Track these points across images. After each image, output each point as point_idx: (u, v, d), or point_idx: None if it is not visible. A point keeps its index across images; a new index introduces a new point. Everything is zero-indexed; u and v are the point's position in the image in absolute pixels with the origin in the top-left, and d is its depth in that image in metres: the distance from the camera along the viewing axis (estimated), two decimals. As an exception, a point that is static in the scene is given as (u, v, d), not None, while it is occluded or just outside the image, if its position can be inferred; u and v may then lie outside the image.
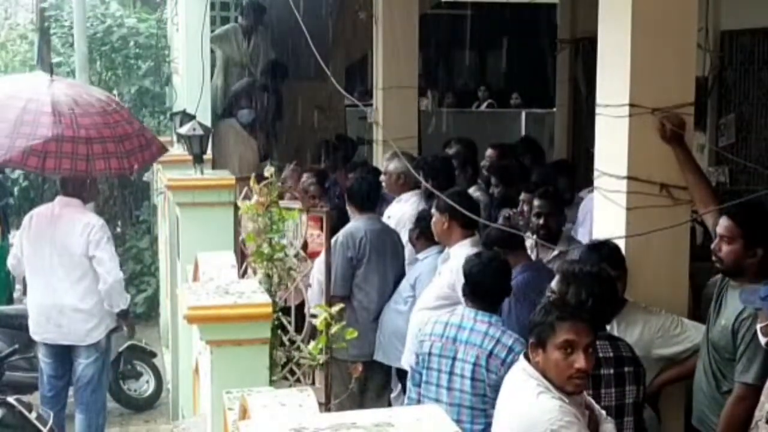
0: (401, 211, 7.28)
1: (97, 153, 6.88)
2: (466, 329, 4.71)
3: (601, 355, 3.97)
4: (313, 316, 5.84)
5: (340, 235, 6.66)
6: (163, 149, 7.36)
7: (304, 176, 8.42)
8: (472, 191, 7.20)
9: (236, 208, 6.26)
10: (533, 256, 6.05)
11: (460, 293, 5.11)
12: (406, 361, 5.85)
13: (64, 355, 7.06)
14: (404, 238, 6.81)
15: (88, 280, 6.89)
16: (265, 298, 4.05)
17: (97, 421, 7.17)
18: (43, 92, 6.98)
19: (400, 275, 6.72)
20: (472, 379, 4.61)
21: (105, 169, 6.98)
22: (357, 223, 6.77)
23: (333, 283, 6.17)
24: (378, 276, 6.67)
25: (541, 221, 6.04)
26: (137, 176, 12.16)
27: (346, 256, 6.59)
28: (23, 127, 6.69)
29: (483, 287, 4.81)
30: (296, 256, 6.10)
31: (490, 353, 4.58)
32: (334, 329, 4.49)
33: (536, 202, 6.10)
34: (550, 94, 13.67)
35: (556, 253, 5.98)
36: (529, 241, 6.10)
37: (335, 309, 4.63)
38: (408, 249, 6.80)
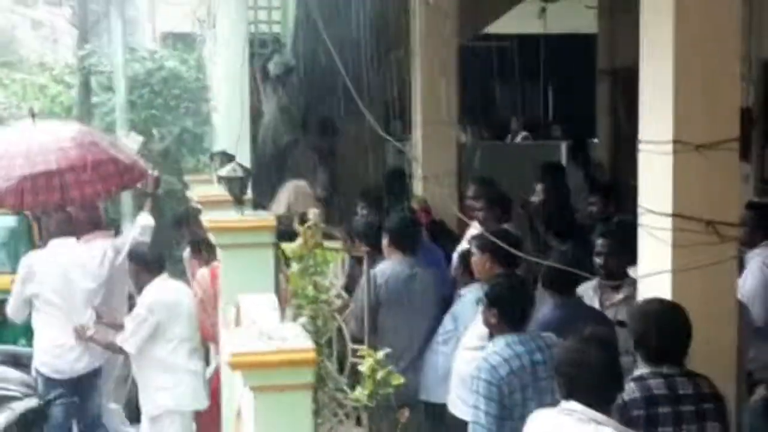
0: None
1: (71, 182, 7.39)
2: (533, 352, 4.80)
3: (681, 392, 3.94)
4: (357, 356, 5.82)
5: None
6: (145, 174, 8.02)
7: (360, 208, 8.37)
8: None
9: (277, 248, 6.26)
10: (596, 299, 5.94)
11: None
12: (452, 404, 5.79)
13: None
14: None
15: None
16: (309, 344, 4.01)
17: None
18: (23, 136, 7.62)
19: (439, 318, 6.61)
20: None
21: (80, 198, 7.46)
22: (383, 266, 6.68)
23: (354, 325, 6.14)
24: (403, 322, 6.53)
25: (602, 261, 5.93)
26: (177, 216, 12.25)
27: (369, 297, 6.49)
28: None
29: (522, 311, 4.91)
30: (338, 296, 6.09)
31: None
32: (380, 374, 4.44)
33: (599, 241, 6.01)
34: (590, 125, 13.61)
35: (621, 297, 5.86)
36: (593, 281, 5.99)
37: (381, 354, 4.59)
38: None
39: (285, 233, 6.10)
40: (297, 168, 11.04)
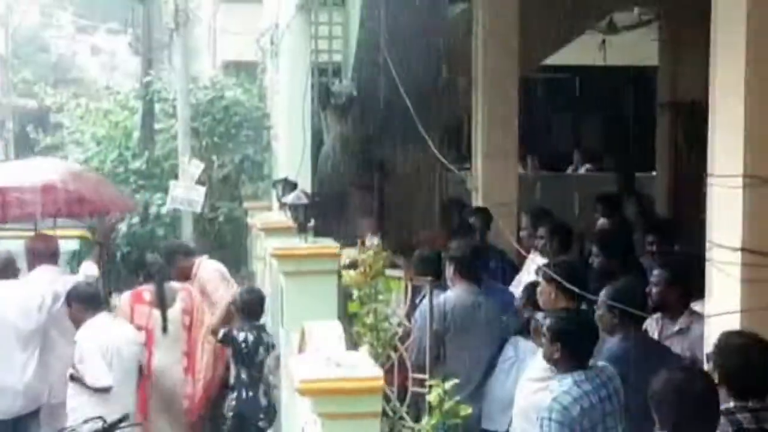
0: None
1: (11, 201, 7.95)
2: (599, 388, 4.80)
3: (744, 425, 3.90)
4: (420, 384, 5.82)
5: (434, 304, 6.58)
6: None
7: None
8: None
9: (341, 276, 6.30)
10: (657, 330, 5.89)
11: None
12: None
13: None
14: None
15: None
16: (376, 371, 4.04)
17: None
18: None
19: (502, 346, 6.60)
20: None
21: (19, 216, 8.09)
22: (448, 295, 6.69)
23: (415, 354, 6.13)
24: (468, 351, 6.52)
25: (658, 293, 5.88)
26: (236, 242, 12.37)
27: (431, 326, 6.48)
28: None
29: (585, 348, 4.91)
30: (399, 325, 6.09)
31: None
32: (447, 405, 4.45)
33: (655, 272, 5.96)
34: (647, 157, 13.53)
35: (676, 329, 5.81)
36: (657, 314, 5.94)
37: (449, 384, 4.60)
38: None
39: None
40: (354, 198, 11.10)
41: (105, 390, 6.83)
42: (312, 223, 7.20)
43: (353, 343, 5.61)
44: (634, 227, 9.02)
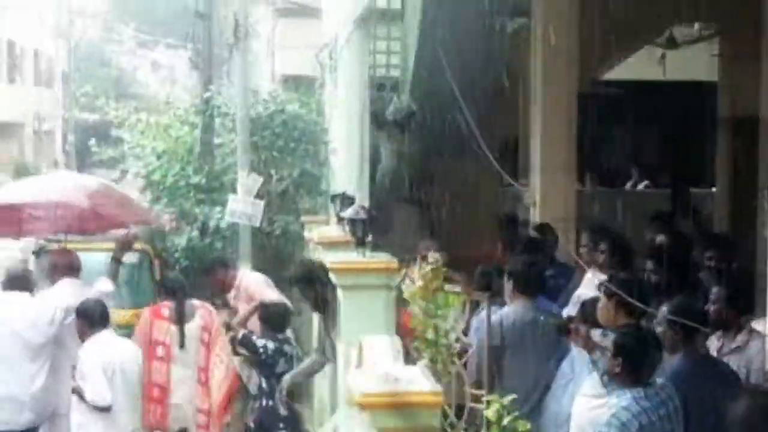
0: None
1: (26, 218, 8.24)
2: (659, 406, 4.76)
3: None
4: (477, 400, 5.80)
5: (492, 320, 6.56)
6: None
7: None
8: None
9: (399, 291, 6.31)
10: (716, 348, 5.83)
11: None
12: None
13: None
14: None
15: None
16: (435, 387, 4.04)
17: None
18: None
19: (559, 362, 6.56)
20: None
21: (35, 232, 8.53)
22: (507, 310, 6.67)
23: (474, 369, 6.11)
24: (527, 367, 6.50)
25: (716, 310, 5.82)
26: (293, 256, 12.42)
27: (489, 342, 6.47)
28: None
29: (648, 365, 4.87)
30: (457, 340, 6.08)
31: None
32: (506, 421, 4.43)
33: (713, 289, 5.91)
34: (706, 172, 13.39)
35: (733, 346, 5.75)
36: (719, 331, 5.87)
37: (508, 400, 4.58)
38: None
39: None
40: (411, 212, 11.13)
41: (104, 409, 6.92)
42: (370, 237, 7.22)
43: (411, 358, 5.62)
44: (692, 243, 8.93)
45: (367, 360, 4.94)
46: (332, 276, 6.72)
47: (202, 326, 7.76)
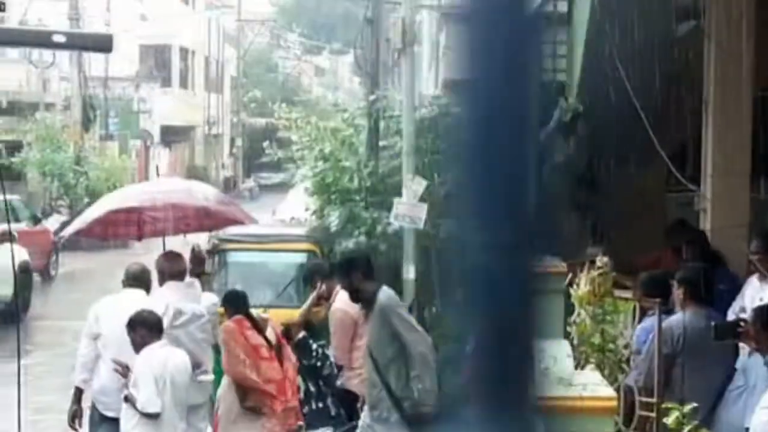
0: None
1: (146, 219, 8.91)
2: None
3: None
4: (647, 408, 5.72)
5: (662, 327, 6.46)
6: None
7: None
8: None
9: (567, 295, 6.27)
10: None
11: None
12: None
13: None
14: None
15: None
16: (610, 392, 4.02)
17: None
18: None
19: (734, 370, 6.42)
20: None
21: (152, 233, 9.18)
22: (679, 317, 6.55)
23: (643, 377, 6.01)
24: (699, 375, 6.38)
25: None
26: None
27: (659, 349, 6.36)
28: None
29: None
30: (625, 347, 6.02)
31: None
32: (686, 430, 4.37)
33: None
34: None
35: None
36: None
37: (688, 408, 4.51)
38: None
39: None
40: (578, 217, 11.00)
41: (153, 416, 7.10)
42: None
43: (577, 363, 5.59)
44: None
45: (540, 363, 4.93)
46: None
47: (274, 334, 7.95)
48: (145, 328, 7.25)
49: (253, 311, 7.97)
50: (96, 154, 29.67)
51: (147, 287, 8.05)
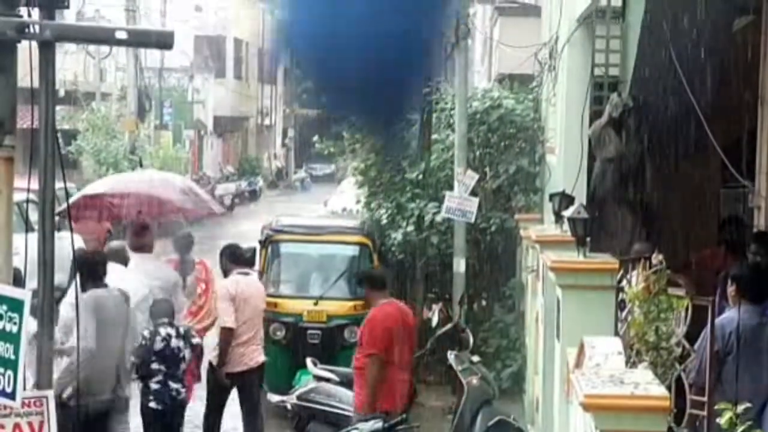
0: None
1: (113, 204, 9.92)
2: None
3: None
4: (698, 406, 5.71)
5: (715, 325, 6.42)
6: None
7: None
8: None
9: (618, 291, 6.27)
10: None
11: None
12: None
13: None
14: None
15: None
16: (662, 391, 4.02)
17: None
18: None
19: None
20: None
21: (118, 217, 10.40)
22: (730, 315, 6.51)
23: (694, 375, 5.99)
24: (751, 374, 6.33)
25: None
26: (507, 253, 12.48)
27: (711, 347, 6.32)
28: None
29: None
30: (678, 344, 5.99)
31: None
32: (740, 430, 4.34)
33: None
34: None
35: None
36: None
37: (742, 408, 4.48)
38: None
39: None
40: (629, 213, 10.93)
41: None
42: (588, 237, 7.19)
43: (630, 361, 5.58)
44: None
45: (589, 360, 4.95)
46: (551, 275, 6.74)
47: None
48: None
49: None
50: (150, 144, 30.00)
51: (125, 261, 8.85)
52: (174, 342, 8.06)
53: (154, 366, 7.98)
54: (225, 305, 8.78)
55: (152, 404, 8.01)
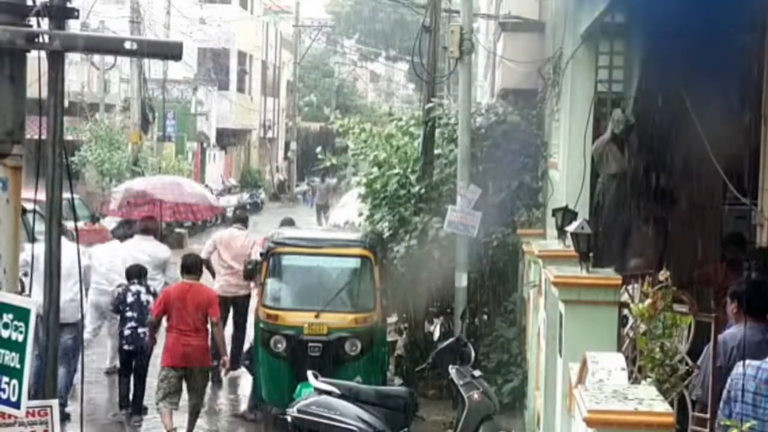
0: None
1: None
2: None
3: None
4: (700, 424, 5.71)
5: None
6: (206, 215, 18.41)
7: None
8: None
9: (620, 307, 6.27)
10: None
11: None
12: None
13: None
14: None
15: None
16: (666, 407, 4.02)
17: None
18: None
19: None
20: None
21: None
22: (733, 331, 6.50)
23: (700, 392, 5.99)
24: None
25: None
26: (508, 268, 12.48)
27: (714, 363, 6.33)
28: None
29: None
30: (681, 361, 6.00)
31: None
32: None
33: None
34: None
35: None
36: None
37: (746, 426, 4.49)
38: None
39: None
40: (632, 230, 10.93)
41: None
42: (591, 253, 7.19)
43: (633, 377, 5.59)
44: None
45: (592, 376, 4.95)
46: (553, 290, 6.74)
47: None
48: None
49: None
50: (153, 155, 30.05)
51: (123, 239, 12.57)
52: (143, 297, 10.72)
53: (128, 314, 10.62)
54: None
55: (125, 347, 10.69)
